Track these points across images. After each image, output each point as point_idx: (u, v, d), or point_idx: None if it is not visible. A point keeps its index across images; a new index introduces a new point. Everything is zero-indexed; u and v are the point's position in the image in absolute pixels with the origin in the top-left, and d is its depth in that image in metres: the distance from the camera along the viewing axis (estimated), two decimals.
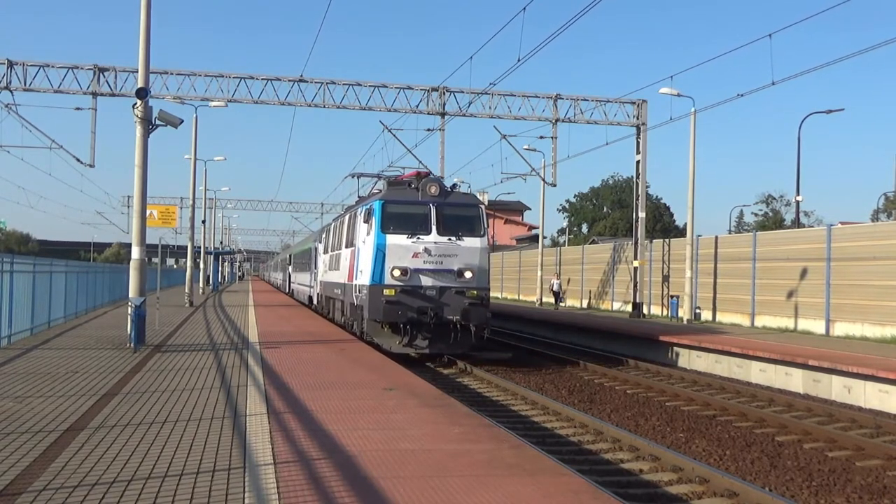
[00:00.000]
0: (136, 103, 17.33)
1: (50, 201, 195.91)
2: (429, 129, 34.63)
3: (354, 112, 41.10)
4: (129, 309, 17.09)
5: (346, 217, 23.90)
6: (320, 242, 31.52)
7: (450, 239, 18.45)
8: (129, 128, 17.91)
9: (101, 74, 31.73)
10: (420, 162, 30.26)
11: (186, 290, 38.78)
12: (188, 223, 43.35)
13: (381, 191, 19.99)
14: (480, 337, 18.88)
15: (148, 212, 19.69)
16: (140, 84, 17.50)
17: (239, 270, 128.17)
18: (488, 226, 19.45)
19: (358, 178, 27.10)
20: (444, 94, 34.05)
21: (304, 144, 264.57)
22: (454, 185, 20.09)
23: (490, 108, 34.50)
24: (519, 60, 22.26)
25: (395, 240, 18.28)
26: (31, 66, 31.39)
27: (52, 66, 31.54)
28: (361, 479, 6.62)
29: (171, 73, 32.73)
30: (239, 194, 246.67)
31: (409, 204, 18.77)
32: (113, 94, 31.96)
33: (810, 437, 12.42)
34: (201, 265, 52.71)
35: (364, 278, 18.97)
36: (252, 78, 32.92)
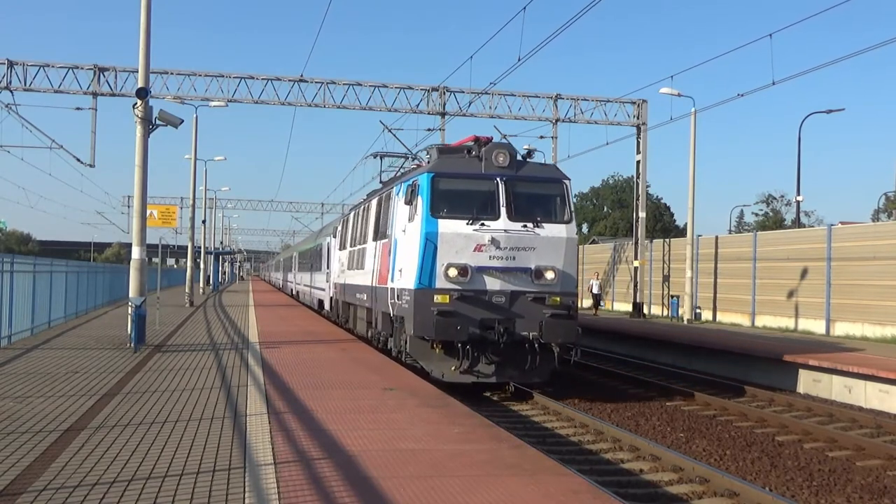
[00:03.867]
0: (136, 103, 17.33)
1: (50, 201, 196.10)
2: (429, 129, 34.61)
3: (354, 112, 41.15)
4: (130, 309, 17.09)
5: (374, 202, 18.77)
6: (334, 237, 26.64)
7: (525, 226, 13.84)
8: (129, 128, 17.94)
9: (101, 74, 31.74)
10: (420, 163, 29.56)
11: (186, 290, 38.77)
12: (188, 223, 43.36)
13: (426, 161, 15.54)
14: (566, 360, 14.20)
15: (148, 212, 19.68)
16: (140, 84, 17.50)
17: (240, 271, 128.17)
18: (574, 210, 14.70)
19: (381, 158, 22.14)
20: (444, 93, 34.05)
21: (304, 144, 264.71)
22: (529, 152, 14.97)
23: (490, 107, 34.52)
24: (519, 60, 22.26)
25: (450, 227, 13.67)
26: (31, 66, 31.40)
27: (52, 66, 31.55)
28: (361, 479, 6.62)
29: (172, 73, 32.75)
30: (239, 194, 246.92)
31: (468, 178, 14.19)
32: (113, 94, 31.98)
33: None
34: (201, 265, 52.70)
35: (406, 280, 14.32)
36: (252, 78, 32.94)
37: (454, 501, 6.09)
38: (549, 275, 13.84)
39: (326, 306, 28.39)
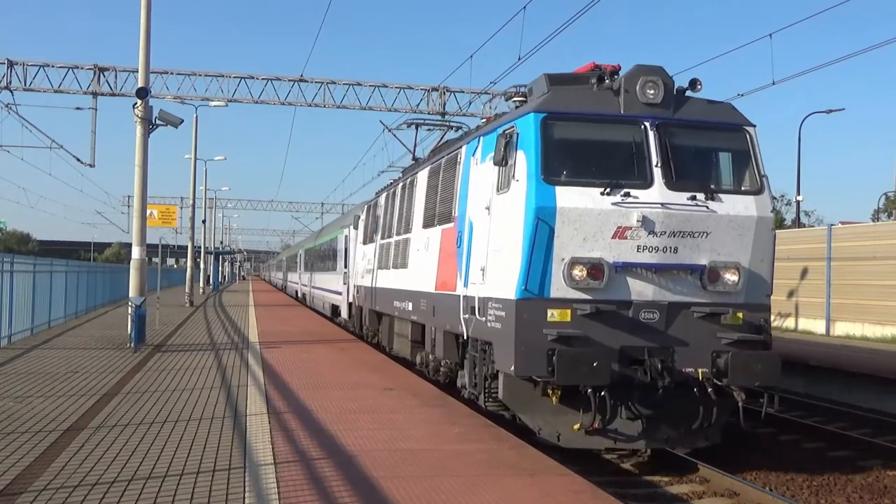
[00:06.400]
0: (136, 103, 17.34)
1: (50, 201, 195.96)
2: (429, 129, 34.61)
3: (354, 112, 41.09)
4: (130, 309, 17.10)
5: (423, 174, 13.68)
6: (355, 228, 21.96)
7: (693, 198, 8.89)
8: (129, 128, 17.98)
9: (101, 74, 31.72)
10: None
11: (187, 290, 38.76)
12: (188, 223, 43.39)
13: (526, 98, 10.19)
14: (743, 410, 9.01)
15: (148, 212, 19.68)
16: (140, 84, 17.51)
17: (240, 270, 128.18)
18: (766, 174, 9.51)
19: (417, 127, 18.18)
20: (444, 93, 34.05)
21: (304, 144, 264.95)
22: (693, 82, 9.43)
23: (491, 107, 34.50)
24: (519, 59, 22.23)
25: (574, 198, 8.77)
26: (31, 65, 31.37)
27: (52, 66, 31.52)
28: (362, 479, 6.61)
29: (172, 73, 32.73)
30: (239, 194, 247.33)
31: (601, 121, 9.19)
32: (113, 94, 31.94)
33: None
34: (201, 265, 52.70)
35: (495, 284, 9.38)
36: (252, 78, 32.91)
37: (454, 501, 6.09)
38: (730, 276, 8.95)
39: (343, 313, 23.66)
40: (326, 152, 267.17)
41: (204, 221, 54.40)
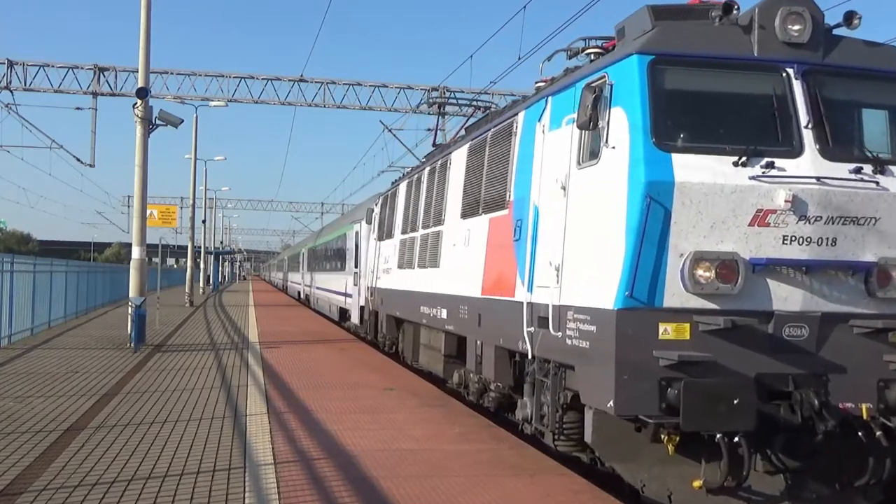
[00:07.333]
0: (136, 103, 17.35)
1: (50, 201, 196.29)
2: (429, 129, 34.62)
3: (354, 112, 41.13)
4: (130, 308, 17.11)
5: (459, 153, 11.46)
6: (368, 223, 19.99)
7: (857, 171, 6.58)
8: (129, 128, 18.00)
9: (101, 74, 31.72)
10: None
11: (187, 290, 38.78)
12: (188, 223, 43.41)
13: (605, 49, 8.13)
14: None
15: (148, 212, 19.69)
16: (140, 84, 17.52)
17: (240, 270, 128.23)
18: None
19: (441, 107, 16.42)
20: (444, 93, 34.06)
21: (304, 144, 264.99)
22: (850, 16, 6.84)
23: (491, 107, 34.50)
24: (519, 59, 22.25)
25: (697, 169, 6.45)
26: (31, 65, 31.38)
27: (52, 66, 31.53)
28: (362, 478, 6.62)
29: (171, 73, 32.74)
30: (239, 194, 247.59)
31: (728, 67, 6.86)
32: (113, 94, 31.95)
33: None
34: (201, 265, 52.73)
35: (577, 288, 7.13)
36: (252, 78, 32.93)
37: (454, 501, 6.09)
38: None
39: (353, 317, 21.49)
40: (326, 152, 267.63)
41: (204, 221, 54.47)
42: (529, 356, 8.05)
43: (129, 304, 17.28)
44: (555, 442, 7.71)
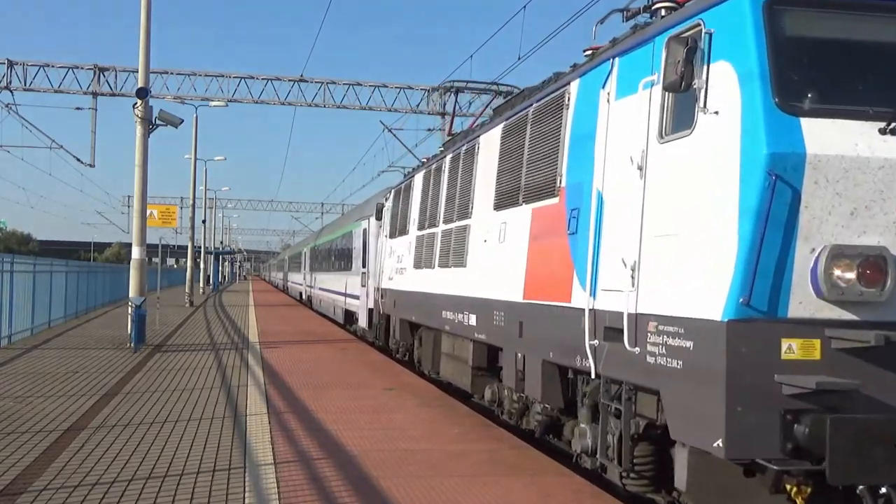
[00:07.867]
0: (136, 103, 17.36)
1: (50, 201, 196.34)
2: (429, 129, 34.64)
3: (354, 112, 41.12)
4: (130, 309, 17.12)
5: (495, 132, 9.72)
6: (378, 219, 18.67)
7: None
8: (129, 128, 17.99)
9: (101, 74, 31.73)
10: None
11: (187, 290, 38.79)
12: (188, 223, 43.41)
13: (679, 4, 6.21)
14: None
15: (148, 212, 19.69)
16: (140, 84, 17.53)
17: (240, 270, 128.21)
18: None
19: (457, 93, 15.95)
20: (444, 93, 34.05)
21: (304, 144, 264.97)
22: None
23: (491, 107, 34.49)
24: (519, 59, 22.25)
25: (834, 137, 4.86)
26: (31, 66, 31.40)
27: (52, 66, 31.56)
28: (362, 478, 6.62)
29: (172, 73, 32.77)
30: (239, 194, 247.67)
31: (863, 9, 5.22)
32: (113, 94, 31.97)
33: None
34: (201, 265, 52.74)
35: (664, 292, 5.57)
36: (252, 78, 32.95)
37: (454, 501, 6.09)
38: None
39: (362, 321, 20.13)
40: (326, 152, 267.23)
41: (204, 221, 54.48)
42: (592, 375, 6.59)
43: (129, 304, 17.29)
44: (622, 480, 6.44)
